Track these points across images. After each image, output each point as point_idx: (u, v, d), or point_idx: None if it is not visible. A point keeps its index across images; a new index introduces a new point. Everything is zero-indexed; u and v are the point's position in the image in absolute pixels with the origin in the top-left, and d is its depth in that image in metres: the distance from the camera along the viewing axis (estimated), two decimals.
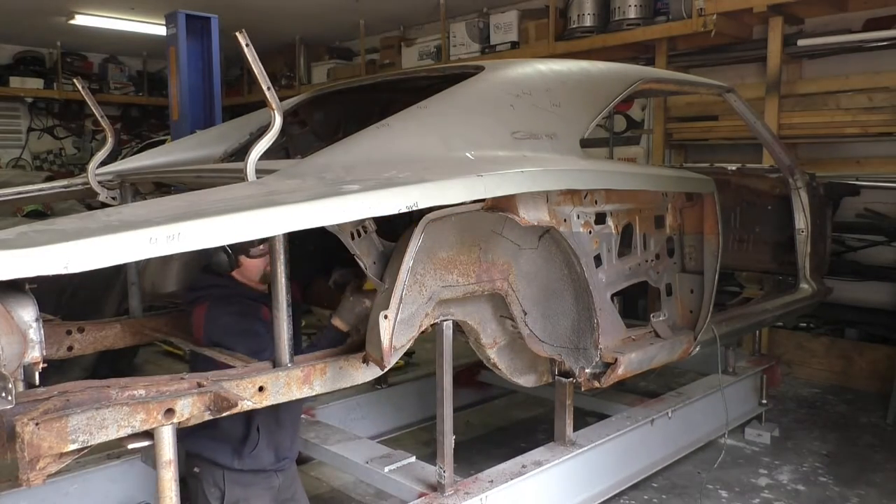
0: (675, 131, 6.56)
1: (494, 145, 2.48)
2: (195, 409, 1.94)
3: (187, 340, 2.72)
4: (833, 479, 3.83)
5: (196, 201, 1.77)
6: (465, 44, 7.90)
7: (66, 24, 9.26)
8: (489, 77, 2.84)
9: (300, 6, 8.45)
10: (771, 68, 5.69)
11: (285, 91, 9.30)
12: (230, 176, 2.27)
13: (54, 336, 2.75)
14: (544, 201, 2.50)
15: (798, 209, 4.07)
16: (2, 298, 1.54)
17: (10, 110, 11.25)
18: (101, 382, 1.92)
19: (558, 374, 2.89)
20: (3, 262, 1.35)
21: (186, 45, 6.44)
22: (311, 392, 2.29)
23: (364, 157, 2.22)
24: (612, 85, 3.11)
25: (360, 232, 2.21)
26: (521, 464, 2.85)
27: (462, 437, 3.73)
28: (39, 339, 1.58)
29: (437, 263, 2.34)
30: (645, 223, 3.02)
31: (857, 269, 5.47)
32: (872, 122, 5.31)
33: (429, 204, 1.97)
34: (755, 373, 4.32)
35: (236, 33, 2.02)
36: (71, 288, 4.25)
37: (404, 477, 2.75)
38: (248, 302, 2.50)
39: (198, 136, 3.74)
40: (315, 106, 3.74)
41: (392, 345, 2.17)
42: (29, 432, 1.65)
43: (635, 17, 6.46)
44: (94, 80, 11.38)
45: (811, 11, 5.68)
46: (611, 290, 2.84)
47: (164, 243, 1.51)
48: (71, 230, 1.49)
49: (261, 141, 2.08)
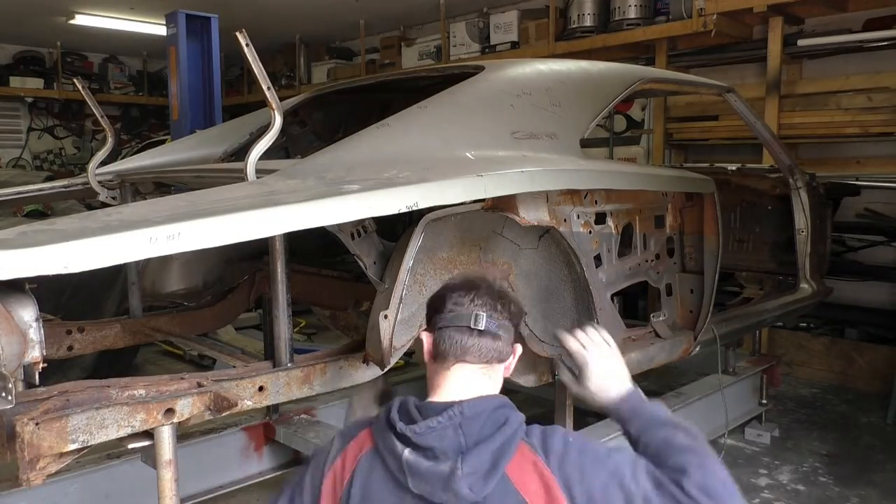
0: (675, 131, 6.55)
1: (494, 145, 2.48)
2: (195, 408, 1.94)
3: (187, 340, 2.72)
4: (833, 479, 3.82)
5: (196, 201, 1.77)
6: (465, 44, 7.90)
7: (66, 24, 9.25)
8: (489, 77, 2.84)
9: (300, 6, 8.45)
10: (771, 68, 5.68)
11: (285, 91, 9.30)
12: (230, 176, 2.27)
13: (54, 336, 2.75)
14: (544, 201, 2.50)
15: (798, 209, 4.07)
16: (2, 298, 1.54)
17: (10, 110, 11.24)
18: (101, 382, 1.92)
19: (558, 374, 2.88)
20: (3, 262, 1.35)
21: (186, 45, 6.44)
22: (312, 392, 2.29)
23: (364, 157, 2.22)
24: (612, 85, 3.11)
25: (360, 232, 2.21)
26: None
27: None
28: (39, 339, 1.58)
29: (437, 263, 2.34)
30: (645, 223, 3.02)
31: (857, 269, 5.47)
32: (872, 122, 5.30)
33: (429, 204, 1.97)
34: (755, 373, 4.32)
35: (236, 33, 2.02)
36: (71, 288, 4.25)
37: None
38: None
39: (198, 136, 3.75)
40: (315, 106, 3.74)
41: (392, 345, 2.17)
42: (29, 432, 1.65)
43: (635, 17, 6.45)
44: (94, 80, 11.37)
45: (811, 11, 5.68)
46: (611, 290, 2.84)
47: (164, 243, 1.51)
48: (71, 230, 1.49)
49: (261, 141, 2.08)
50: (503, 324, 1.50)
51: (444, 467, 1.34)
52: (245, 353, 2.60)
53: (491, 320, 1.48)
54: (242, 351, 2.67)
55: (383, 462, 1.42)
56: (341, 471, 1.48)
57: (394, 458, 1.39)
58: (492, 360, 1.49)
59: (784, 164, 4.09)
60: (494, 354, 1.49)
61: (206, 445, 3.20)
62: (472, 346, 1.47)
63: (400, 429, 1.39)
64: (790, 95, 5.73)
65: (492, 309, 1.49)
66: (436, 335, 1.51)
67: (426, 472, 1.36)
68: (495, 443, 1.37)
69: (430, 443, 1.37)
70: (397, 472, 1.39)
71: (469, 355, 1.47)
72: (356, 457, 1.47)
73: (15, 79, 10.70)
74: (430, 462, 1.36)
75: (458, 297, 1.50)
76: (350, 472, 1.46)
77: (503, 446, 1.37)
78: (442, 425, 1.38)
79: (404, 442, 1.39)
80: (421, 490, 1.36)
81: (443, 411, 1.39)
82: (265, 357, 2.70)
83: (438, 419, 1.38)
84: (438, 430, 1.38)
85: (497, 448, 1.36)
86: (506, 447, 1.37)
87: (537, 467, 1.38)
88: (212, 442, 3.23)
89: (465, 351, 1.47)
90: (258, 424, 3.37)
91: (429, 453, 1.37)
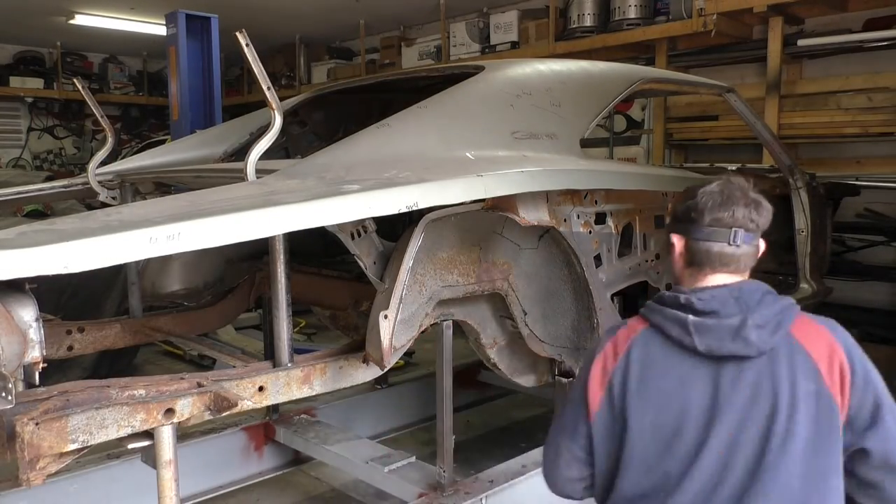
0: (675, 131, 6.55)
1: (494, 145, 2.48)
2: (195, 408, 1.94)
3: (187, 340, 2.72)
4: None
5: (196, 201, 1.77)
6: (465, 44, 7.90)
7: (66, 24, 9.26)
8: (489, 77, 2.84)
9: (300, 6, 8.45)
10: (771, 68, 5.68)
11: (285, 91, 9.31)
12: (230, 176, 2.27)
13: (54, 336, 2.75)
14: (544, 201, 2.50)
15: (798, 209, 4.06)
16: (2, 298, 1.54)
17: (10, 110, 11.25)
18: (101, 382, 1.92)
19: (558, 374, 2.88)
20: (3, 262, 1.35)
21: (186, 45, 6.44)
22: (312, 392, 2.29)
23: (364, 157, 2.22)
24: (612, 85, 3.11)
25: (360, 232, 2.21)
26: (521, 464, 2.85)
27: (462, 437, 3.73)
28: (39, 339, 1.59)
29: (437, 263, 2.34)
30: (645, 223, 3.02)
31: (857, 269, 5.47)
32: (872, 122, 5.31)
33: (429, 204, 1.97)
34: None
35: (236, 33, 2.02)
36: (71, 288, 4.25)
37: (404, 477, 2.75)
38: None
39: (198, 136, 3.74)
40: (315, 106, 3.74)
41: (392, 345, 2.17)
42: (29, 432, 1.66)
43: (635, 17, 6.46)
44: (94, 80, 11.38)
45: (811, 11, 5.68)
46: (611, 290, 2.84)
47: (164, 243, 1.51)
48: (71, 230, 1.49)
49: (261, 141, 2.08)
50: (757, 234, 1.60)
51: (732, 321, 1.49)
52: (245, 353, 2.60)
53: (748, 235, 1.56)
54: (242, 351, 2.66)
55: (662, 333, 1.57)
56: (612, 354, 1.62)
57: (677, 324, 1.54)
58: (747, 268, 1.61)
59: (784, 164, 4.09)
60: (749, 262, 1.60)
61: (206, 445, 3.20)
62: (730, 258, 1.57)
63: (684, 299, 1.54)
64: (790, 95, 5.73)
65: (748, 221, 1.57)
66: (691, 244, 1.60)
67: (714, 327, 1.50)
68: (776, 306, 1.51)
69: (714, 307, 1.51)
70: (681, 336, 1.53)
71: (726, 267, 1.58)
72: (628, 338, 1.62)
73: (15, 79, 10.71)
74: (716, 320, 1.50)
75: (717, 213, 1.56)
76: (623, 350, 1.61)
77: (784, 310, 1.51)
78: (723, 295, 1.53)
79: (686, 311, 1.53)
80: (708, 346, 1.50)
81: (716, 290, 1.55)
82: (265, 357, 2.70)
83: (718, 290, 1.54)
84: (720, 298, 1.52)
85: (779, 310, 1.51)
86: (786, 311, 1.51)
87: (821, 333, 1.53)
88: (212, 442, 3.22)
89: (722, 263, 1.57)
90: (258, 424, 3.37)
91: (713, 315, 1.51)
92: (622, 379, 1.57)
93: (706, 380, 1.50)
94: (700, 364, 1.51)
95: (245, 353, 2.60)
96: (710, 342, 1.49)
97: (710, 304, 1.52)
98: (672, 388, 1.53)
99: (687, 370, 1.52)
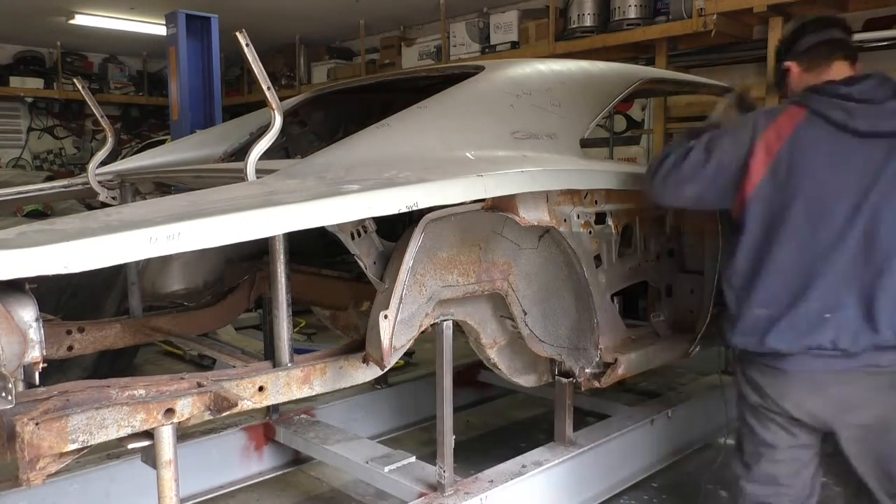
0: (676, 131, 6.55)
1: (494, 145, 2.48)
2: (195, 408, 1.94)
3: (187, 340, 2.72)
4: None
5: (196, 201, 1.77)
6: (465, 44, 7.90)
7: (66, 24, 9.26)
8: (489, 77, 2.84)
9: (300, 6, 8.45)
10: (771, 68, 5.67)
11: (285, 91, 9.31)
12: (230, 176, 2.27)
13: (54, 336, 2.75)
14: (544, 201, 2.50)
15: None
16: (2, 298, 1.54)
17: (10, 110, 11.24)
18: (101, 382, 1.92)
19: (558, 374, 2.89)
20: (3, 262, 1.35)
21: (186, 45, 6.44)
22: (312, 392, 2.29)
23: (364, 157, 2.23)
24: (612, 85, 3.11)
25: (360, 232, 2.21)
26: (521, 464, 2.85)
27: (462, 437, 3.73)
28: (39, 339, 1.59)
29: (437, 263, 2.34)
30: (645, 223, 3.02)
31: None
32: None
33: (429, 204, 1.97)
34: None
35: (236, 33, 2.02)
36: (71, 288, 4.25)
37: (404, 477, 2.75)
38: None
39: (198, 136, 3.74)
40: (315, 106, 3.74)
41: (392, 345, 2.17)
42: (29, 432, 1.65)
43: (635, 17, 6.45)
44: (94, 80, 11.38)
45: (811, 11, 5.64)
46: (611, 290, 2.84)
47: (164, 243, 1.51)
48: (71, 230, 1.49)
49: (261, 141, 2.08)
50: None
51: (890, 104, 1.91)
52: (245, 353, 2.60)
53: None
54: (242, 351, 2.66)
55: (825, 119, 1.93)
56: (776, 138, 1.96)
57: (840, 110, 1.92)
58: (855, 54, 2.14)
59: None
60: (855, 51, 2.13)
61: (206, 445, 3.20)
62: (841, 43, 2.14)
63: (844, 91, 1.94)
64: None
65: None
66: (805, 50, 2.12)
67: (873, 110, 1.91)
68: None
69: (870, 95, 1.94)
70: (845, 121, 1.91)
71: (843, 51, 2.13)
72: (792, 124, 1.96)
73: (15, 79, 10.71)
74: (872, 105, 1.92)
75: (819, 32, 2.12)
76: (787, 134, 1.95)
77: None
78: (872, 84, 1.96)
79: (846, 99, 1.93)
80: (870, 125, 1.90)
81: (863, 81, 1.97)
82: (265, 357, 2.70)
83: (865, 82, 1.97)
84: (869, 86, 1.96)
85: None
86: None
87: None
88: (212, 442, 3.22)
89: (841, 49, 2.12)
90: (258, 424, 3.37)
91: (869, 102, 1.92)
92: (789, 156, 1.92)
93: (862, 156, 1.88)
94: (859, 144, 1.88)
95: (245, 353, 2.60)
96: (871, 122, 1.88)
97: (866, 93, 1.92)
98: (833, 162, 1.89)
99: (847, 148, 1.89)
